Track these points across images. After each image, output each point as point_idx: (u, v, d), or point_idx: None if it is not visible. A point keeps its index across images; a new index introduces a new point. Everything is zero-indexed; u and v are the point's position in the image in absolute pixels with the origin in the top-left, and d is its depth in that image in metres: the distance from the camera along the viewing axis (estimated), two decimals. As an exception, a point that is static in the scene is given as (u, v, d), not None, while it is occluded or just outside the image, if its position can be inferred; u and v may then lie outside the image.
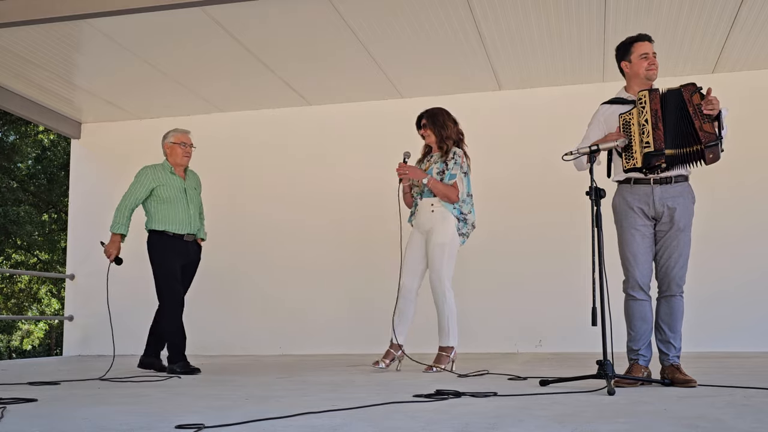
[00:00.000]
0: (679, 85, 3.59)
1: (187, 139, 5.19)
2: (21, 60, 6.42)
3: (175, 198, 5.05)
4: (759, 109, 6.69)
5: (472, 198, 4.85)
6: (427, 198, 4.79)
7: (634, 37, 3.79)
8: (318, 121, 7.63)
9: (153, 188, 5.03)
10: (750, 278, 6.54)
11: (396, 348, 4.76)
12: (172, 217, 5.03)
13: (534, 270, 6.92)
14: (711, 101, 3.52)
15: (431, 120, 4.86)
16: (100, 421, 2.53)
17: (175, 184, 5.09)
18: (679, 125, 3.54)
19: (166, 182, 5.06)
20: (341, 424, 2.36)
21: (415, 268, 4.82)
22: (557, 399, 2.99)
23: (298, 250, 7.54)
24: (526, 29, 5.93)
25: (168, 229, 5.02)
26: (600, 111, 3.85)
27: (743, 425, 2.22)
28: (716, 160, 3.55)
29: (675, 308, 3.66)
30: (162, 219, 5.03)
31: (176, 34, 5.96)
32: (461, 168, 4.76)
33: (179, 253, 5.05)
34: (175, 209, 5.04)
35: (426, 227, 4.78)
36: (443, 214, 4.73)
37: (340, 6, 5.49)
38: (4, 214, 15.41)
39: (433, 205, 4.75)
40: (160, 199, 5.03)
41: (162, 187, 5.03)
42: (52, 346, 18.46)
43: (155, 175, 5.06)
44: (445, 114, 4.90)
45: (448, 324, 4.72)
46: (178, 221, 5.04)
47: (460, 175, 4.75)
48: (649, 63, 3.71)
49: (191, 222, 5.10)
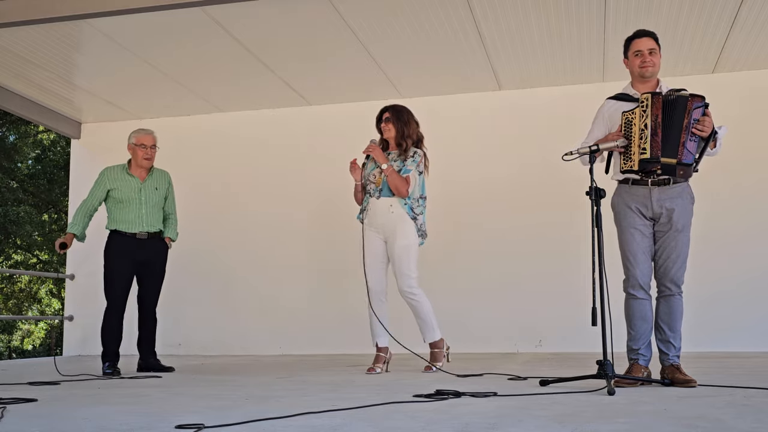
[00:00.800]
0: (689, 93, 3.55)
1: (148, 141, 5.24)
2: (21, 60, 6.42)
3: (128, 198, 5.17)
4: (759, 109, 6.69)
5: (425, 201, 4.81)
6: (386, 198, 4.74)
7: (632, 35, 3.80)
8: (318, 121, 7.63)
9: (108, 190, 5.19)
10: (750, 278, 6.54)
11: (384, 350, 4.75)
12: (123, 216, 5.16)
13: (534, 270, 6.92)
14: (704, 122, 3.51)
15: (396, 115, 4.83)
16: (100, 421, 2.53)
17: (130, 185, 5.20)
18: (675, 132, 3.52)
19: (121, 184, 5.19)
20: (341, 424, 2.36)
21: (379, 270, 4.80)
22: (557, 399, 2.99)
23: (299, 250, 7.54)
24: (526, 29, 5.93)
25: (119, 228, 5.16)
26: (605, 106, 3.85)
27: (743, 425, 2.22)
28: (686, 177, 3.60)
29: (674, 308, 3.66)
30: (114, 219, 5.20)
31: (176, 34, 5.96)
32: (418, 167, 4.73)
33: (132, 252, 5.14)
34: (127, 209, 5.16)
35: (387, 228, 4.74)
36: (402, 216, 4.71)
37: (340, 6, 5.49)
38: (4, 214, 15.40)
39: (392, 206, 4.72)
40: (114, 200, 5.20)
41: (116, 189, 5.18)
42: (52, 346, 18.45)
43: (111, 176, 5.21)
44: (409, 113, 4.87)
45: (431, 319, 4.72)
46: (128, 221, 5.16)
47: (415, 173, 4.72)
48: (641, 60, 3.71)
49: (143, 221, 5.18)
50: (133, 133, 5.28)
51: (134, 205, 5.16)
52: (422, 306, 4.72)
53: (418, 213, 4.75)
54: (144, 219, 5.18)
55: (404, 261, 4.69)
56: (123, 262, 5.12)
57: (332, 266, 7.34)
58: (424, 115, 7.09)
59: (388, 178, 4.68)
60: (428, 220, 4.89)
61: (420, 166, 4.75)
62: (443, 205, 7.14)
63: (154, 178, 5.30)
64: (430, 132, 6.94)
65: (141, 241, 5.17)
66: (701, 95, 3.57)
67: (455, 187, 7.18)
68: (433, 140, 7.03)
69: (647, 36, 3.74)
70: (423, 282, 4.86)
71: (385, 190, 4.75)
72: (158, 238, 5.28)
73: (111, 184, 5.19)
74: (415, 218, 4.72)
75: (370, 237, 4.81)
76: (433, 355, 4.73)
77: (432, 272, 7.09)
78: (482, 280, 7.04)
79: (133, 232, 5.15)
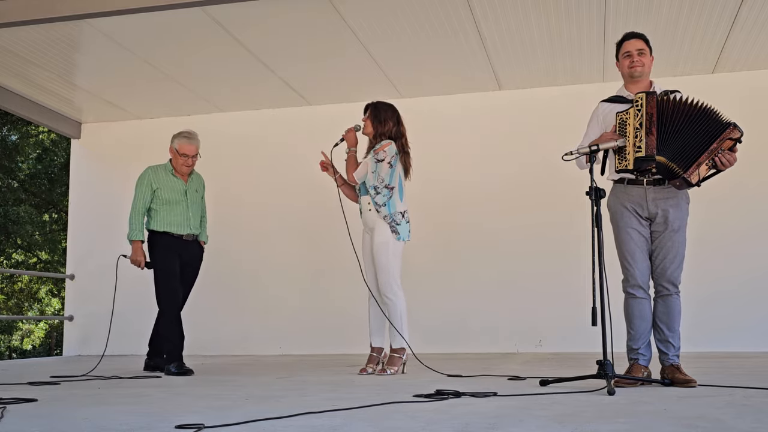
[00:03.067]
0: (733, 121, 3.52)
1: (191, 151, 5.09)
2: (21, 60, 6.43)
3: (176, 200, 5.09)
4: (759, 109, 6.68)
5: (392, 192, 4.67)
6: (364, 196, 4.74)
7: (621, 38, 3.84)
8: (318, 121, 7.62)
9: (154, 190, 5.07)
10: (749, 278, 6.54)
11: (377, 351, 4.74)
12: (171, 218, 5.07)
13: (534, 270, 6.92)
14: (731, 158, 3.51)
15: (374, 112, 4.81)
16: (100, 421, 2.53)
17: (175, 186, 5.12)
18: (690, 143, 3.51)
19: (166, 184, 5.10)
20: (341, 424, 2.36)
21: (371, 269, 4.78)
22: (557, 399, 2.99)
23: (299, 250, 7.54)
24: (526, 29, 5.93)
25: (168, 229, 5.06)
26: (599, 109, 3.87)
27: (743, 425, 2.22)
28: (680, 188, 3.60)
29: (672, 307, 3.66)
30: (162, 220, 5.07)
31: (176, 34, 5.96)
32: (376, 154, 4.67)
33: (178, 253, 5.07)
34: (175, 211, 5.08)
35: (368, 226, 4.75)
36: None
37: (340, 6, 5.49)
38: (5, 214, 15.41)
39: (369, 203, 4.70)
40: (161, 200, 5.07)
41: (162, 189, 5.07)
42: (52, 346, 18.46)
43: (156, 177, 5.10)
44: (390, 111, 4.81)
45: (400, 325, 4.61)
46: (177, 223, 5.08)
47: (371, 160, 4.67)
48: (630, 61, 3.73)
49: (190, 224, 5.13)
50: (176, 138, 5.12)
51: (182, 207, 5.09)
52: (394, 308, 4.63)
53: (380, 203, 4.63)
54: (191, 221, 5.12)
55: (382, 257, 4.62)
56: (173, 262, 5.02)
57: (332, 266, 7.33)
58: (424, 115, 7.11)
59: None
60: (428, 220, 4.88)
61: (378, 155, 4.65)
62: (443, 205, 7.16)
63: (194, 181, 5.25)
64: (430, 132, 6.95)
65: (185, 243, 5.12)
66: (738, 127, 3.53)
67: (455, 187, 7.19)
68: (432, 140, 7.08)
69: (636, 38, 3.77)
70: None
71: (362, 188, 4.75)
72: (197, 242, 5.24)
73: (156, 184, 5.07)
74: (378, 209, 4.62)
75: (364, 237, 4.85)
76: (390, 358, 4.63)
77: (432, 272, 7.13)
78: (482, 280, 7.04)
79: (181, 233, 5.08)
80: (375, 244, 4.67)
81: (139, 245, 5.03)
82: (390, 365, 4.60)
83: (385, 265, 4.63)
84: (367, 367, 4.64)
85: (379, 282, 4.68)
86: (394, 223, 4.64)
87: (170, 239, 5.06)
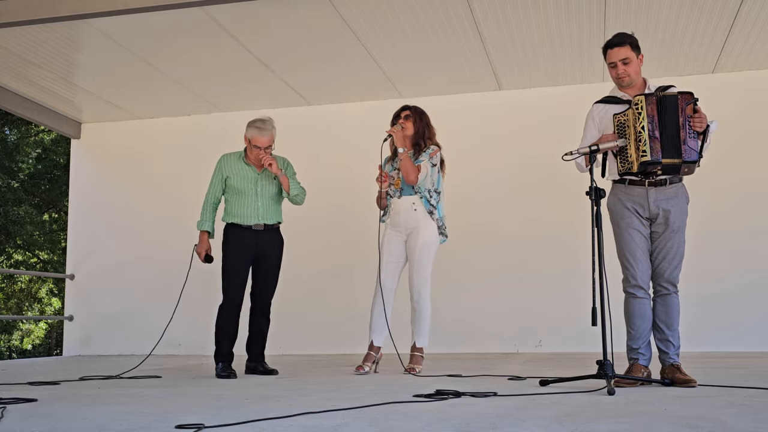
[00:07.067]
0: (677, 92, 3.56)
1: (262, 143, 4.73)
2: (21, 60, 6.43)
3: (244, 189, 4.81)
4: (759, 109, 6.68)
5: (440, 196, 4.77)
6: (408, 196, 4.72)
7: (605, 44, 3.76)
8: (318, 121, 7.63)
9: (225, 178, 4.85)
10: (749, 278, 6.53)
11: (376, 350, 4.74)
12: (238, 210, 4.81)
13: (534, 270, 6.92)
14: (700, 117, 3.50)
15: (418, 115, 4.82)
16: (100, 421, 2.53)
17: (246, 174, 4.84)
18: (672, 131, 3.52)
19: (237, 172, 4.84)
20: (341, 424, 2.36)
21: (393, 269, 4.78)
22: (557, 399, 2.99)
23: (298, 250, 7.52)
24: (526, 29, 5.93)
25: (235, 221, 4.81)
26: (593, 111, 3.85)
27: (743, 425, 2.22)
28: (690, 173, 3.60)
29: (671, 306, 3.66)
30: (230, 211, 4.84)
31: (176, 34, 5.96)
32: (431, 158, 4.71)
33: (249, 245, 4.80)
34: (243, 202, 4.81)
35: (409, 226, 4.73)
36: (425, 213, 4.69)
37: (340, 6, 5.49)
38: (5, 213, 15.40)
39: (414, 203, 4.70)
40: (232, 190, 4.84)
41: (232, 178, 4.83)
42: (52, 346, 18.46)
43: (228, 164, 4.86)
44: (428, 116, 4.88)
45: (428, 324, 4.70)
46: (244, 215, 4.79)
47: (427, 164, 4.68)
48: (615, 73, 3.70)
49: (258, 214, 4.81)
50: (250, 126, 4.81)
51: (250, 198, 4.78)
52: (426, 308, 4.70)
53: (434, 205, 4.71)
54: (260, 212, 4.79)
55: (424, 258, 4.68)
56: (239, 254, 4.74)
57: (333, 266, 7.34)
58: (424, 115, 7.05)
59: (401, 163, 4.66)
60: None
61: (433, 159, 4.72)
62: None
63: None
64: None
65: (257, 232, 4.78)
66: (690, 92, 3.56)
67: (454, 188, 7.15)
68: (432, 140, 7.07)
69: (618, 45, 3.67)
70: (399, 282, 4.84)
71: (406, 189, 4.74)
72: (275, 229, 4.91)
73: (227, 172, 4.81)
74: (431, 212, 4.69)
75: (390, 236, 4.80)
76: (414, 358, 4.67)
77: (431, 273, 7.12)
78: (482, 281, 7.04)
79: (249, 224, 4.78)
80: (421, 242, 4.68)
81: (205, 236, 4.81)
82: (416, 364, 4.63)
83: (427, 263, 4.68)
84: (364, 365, 4.64)
85: (415, 280, 4.69)
86: (443, 227, 4.76)
87: (239, 230, 4.79)
